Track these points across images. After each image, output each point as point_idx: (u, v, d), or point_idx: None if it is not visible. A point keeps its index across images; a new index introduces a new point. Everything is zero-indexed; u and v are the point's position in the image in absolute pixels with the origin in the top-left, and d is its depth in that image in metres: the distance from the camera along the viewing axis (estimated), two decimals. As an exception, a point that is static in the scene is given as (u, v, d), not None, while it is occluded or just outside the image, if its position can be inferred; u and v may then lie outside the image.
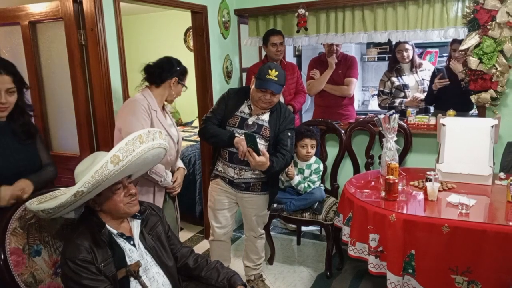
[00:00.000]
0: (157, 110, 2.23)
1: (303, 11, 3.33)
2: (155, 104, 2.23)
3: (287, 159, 2.44)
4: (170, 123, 2.37)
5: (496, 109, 2.93)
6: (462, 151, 2.61)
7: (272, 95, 2.38)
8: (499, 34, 2.76)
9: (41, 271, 1.70)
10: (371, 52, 5.58)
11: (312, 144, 2.88)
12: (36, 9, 2.63)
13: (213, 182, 2.62)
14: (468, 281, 2.02)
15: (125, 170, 1.53)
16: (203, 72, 3.41)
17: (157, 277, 1.69)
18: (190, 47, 5.29)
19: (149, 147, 1.61)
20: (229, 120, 2.47)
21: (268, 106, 2.44)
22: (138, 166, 1.65)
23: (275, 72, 2.34)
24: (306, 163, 2.92)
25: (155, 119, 2.20)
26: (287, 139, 2.46)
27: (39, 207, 1.54)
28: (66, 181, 2.54)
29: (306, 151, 2.87)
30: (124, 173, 1.57)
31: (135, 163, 1.55)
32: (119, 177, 1.56)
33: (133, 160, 1.53)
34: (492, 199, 2.39)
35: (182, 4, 3.13)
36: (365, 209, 2.29)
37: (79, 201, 1.51)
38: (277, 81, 2.34)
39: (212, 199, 2.63)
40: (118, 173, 1.51)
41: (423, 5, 3.02)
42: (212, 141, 2.53)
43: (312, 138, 2.89)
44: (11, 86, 1.76)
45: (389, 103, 3.63)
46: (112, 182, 1.55)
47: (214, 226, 2.68)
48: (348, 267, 3.05)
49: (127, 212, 1.66)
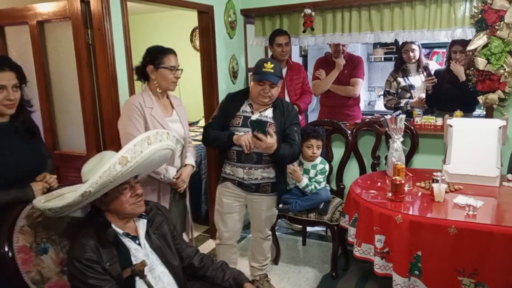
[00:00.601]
0: (153, 106, 2.24)
1: (310, 11, 3.32)
2: (151, 101, 2.25)
3: (294, 149, 2.46)
4: (174, 118, 2.37)
5: (504, 110, 2.90)
6: (469, 152, 2.59)
7: (270, 87, 2.39)
8: (508, 35, 2.74)
9: (48, 269, 1.71)
10: (378, 52, 5.55)
11: (318, 145, 2.88)
12: (44, 8, 2.65)
13: (221, 185, 2.60)
14: (475, 283, 2.01)
15: (133, 171, 1.54)
16: (209, 72, 3.42)
17: (163, 276, 1.69)
18: (196, 47, 5.30)
19: (157, 148, 1.62)
20: (232, 121, 2.47)
21: (269, 100, 2.44)
22: (146, 167, 1.66)
23: (270, 64, 2.37)
24: (312, 163, 2.91)
25: (148, 116, 2.20)
26: (294, 134, 2.48)
27: (46, 205, 1.55)
28: (72, 179, 2.55)
29: (312, 152, 2.86)
30: (131, 174, 1.58)
31: (142, 164, 1.56)
32: (127, 177, 1.57)
33: (141, 161, 1.54)
34: (499, 201, 2.37)
35: (189, 4, 3.14)
36: (371, 210, 2.28)
37: (86, 201, 1.52)
38: (273, 73, 2.36)
39: (221, 203, 2.61)
40: (126, 174, 1.52)
41: (430, 5, 3.00)
42: (214, 145, 2.54)
43: (318, 139, 2.88)
44: (16, 82, 1.76)
45: (395, 103, 3.62)
46: (119, 183, 1.56)
47: (222, 231, 2.66)
48: (353, 268, 3.04)
49: (133, 213, 1.66)
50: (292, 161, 2.60)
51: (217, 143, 2.49)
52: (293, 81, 3.38)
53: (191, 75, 5.23)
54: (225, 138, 2.42)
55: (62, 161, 2.84)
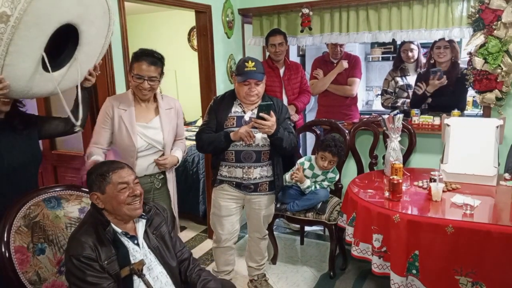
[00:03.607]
0: (128, 109, 2.23)
1: (307, 10, 3.33)
2: (128, 103, 2.24)
3: (292, 138, 2.49)
4: (152, 125, 2.28)
5: (501, 109, 2.91)
6: (466, 151, 2.60)
7: (256, 85, 2.40)
8: (505, 34, 2.74)
9: (46, 270, 1.71)
10: (375, 52, 5.55)
11: (331, 160, 2.75)
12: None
13: (218, 188, 2.57)
14: (472, 282, 2.01)
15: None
16: (207, 72, 3.41)
17: (161, 276, 1.69)
18: (194, 47, 5.29)
19: None
20: (225, 123, 2.46)
21: (256, 98, 2.45)
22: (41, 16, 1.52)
23: (251, 63, 2.38)
24: (324, 170, 2.86)
25: (117, 118, 2.22)
26: (290, 127, 2.54)
27: None
28: (70, 180, 2.55)
29: (323, 165, 2.77)
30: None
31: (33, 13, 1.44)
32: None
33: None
34: (496, 200, 2.38)
35: (187, 4, 3.14)
36: (369, 209, 2.29)
37: None
38: (256, 71, 2.37)
39: (218, 206, 2.59)
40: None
41: (427, 5, 3.00)
42: (210, 148, 2.48)
43: (335, 155, 2.74)
44: None
45: (392, 102, 3.63)
46: None
47: (220, 234, 2.63)
48: (351, 267, 3.05)
49: (129, 215, 1.66)
50: (290, 148, 2.52)
51: (213, 146, 2.45)
52: (291, 81, 3.37)
53: (188, 75, 5.27)
54: (222, 138, 2.40)
55: (59, 161, 2.84)
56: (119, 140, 2.24)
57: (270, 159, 2.53)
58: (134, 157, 2.22)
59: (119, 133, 2.23)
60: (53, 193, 1.84)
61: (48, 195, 1.82)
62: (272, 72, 3.28)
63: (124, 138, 2.22)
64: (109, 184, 1.61)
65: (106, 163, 1.73)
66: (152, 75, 2.18)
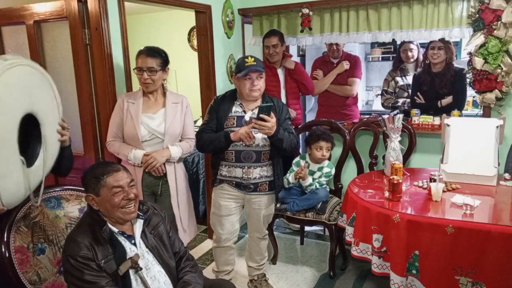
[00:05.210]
0: (135, 102, 2.40)
1: (307, 10, 3.32)
2: (136, 97, 2.42)
3: (292, 138, 2.51)
4: (157, 116, 2.40)
5: (501, 109, 2.91)
6: (466, 151, 2.59)
7: (257, 79, 2.41)
8: (505, 34, 2.74)
9: (46, 270, 1.71)
10: (375, 52, 5.55)
11: (327, 147, 2.85)
12: (41, 8, 2.64)
13: (218, 188, 2.58)
14: (472, 282, 2.01)
15: None
16: (207, 72, 3.41)
17: (159, 276, 1.69)
18: (194, 47, 5.29)
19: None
20: (225, 123, 2.46)
21: (259, 94, 2.46)
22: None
23: (251, 58, 2.42)
24: (318, 165, 2.88)
25: (126, 110, 2.39)
26: (290, 127, 2.56)
27: None
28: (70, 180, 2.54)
29: (321, 154, 2.83)
30: None
31: None
32: None
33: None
34: (496, 200, 2.37)
35: (186, 4, 3.14)
36: (369, 209, 2.29)
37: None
38: (256, 65, 2.40)
39: (217, 205, 2.60)
40: None
41: (427, 5, 3.00)
42: (211, 148, 2.50)
43: (328, 141, 2.85)
44: None
45: (392, 102, 3.63)
46: None
47: (220, 233, 2.64)
48: (351, 267, 3.05)
49: (123, 218, 1.65)
50: (290, 148, 2.54)
51: (213, 146, 2.46)
52: (290, 81, 3.36)
53: (188, 75, 5.26)
54: (222, 138, 2.41)
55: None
56: (126, 129, 2.39)
57: (270, 159, 2.53)
58: (140, 147, 2.36)
59: (126, 123, 2.39)
60: (53, 193, 1.84)
61: (48, 195, 1.82)
62: (270, 72, 3.27)
63: (129, 127, 2.37)
64: (103, 187, 1.61)
65: (101, 164, 1.72)
66: (149, 66, 2.32)
